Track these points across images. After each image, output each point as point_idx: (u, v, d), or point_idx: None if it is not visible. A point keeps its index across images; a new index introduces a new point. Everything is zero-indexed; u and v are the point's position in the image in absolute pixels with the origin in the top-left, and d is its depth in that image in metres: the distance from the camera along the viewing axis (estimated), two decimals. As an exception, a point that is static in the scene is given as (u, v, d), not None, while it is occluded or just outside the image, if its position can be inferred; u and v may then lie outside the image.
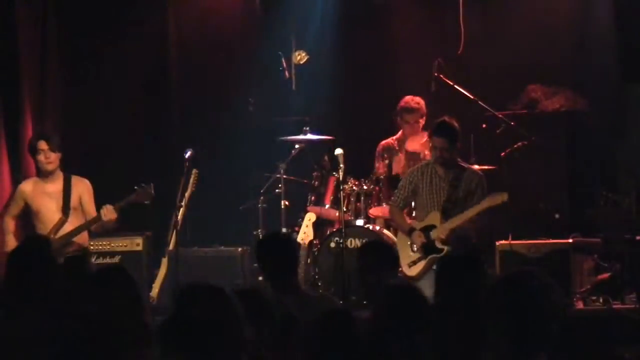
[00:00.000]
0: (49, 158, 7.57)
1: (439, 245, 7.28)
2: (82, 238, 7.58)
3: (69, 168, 8.06)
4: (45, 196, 7.59)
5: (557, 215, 8.68)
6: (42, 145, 7.56)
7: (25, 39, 9.01)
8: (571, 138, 9.20)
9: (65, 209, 7.54)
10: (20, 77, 8.93)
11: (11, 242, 7.50)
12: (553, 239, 8.08)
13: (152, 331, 4.09)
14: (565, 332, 3.14)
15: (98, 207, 7.49)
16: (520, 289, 3.15)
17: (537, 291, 3.14)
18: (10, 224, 7.66)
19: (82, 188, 7.65)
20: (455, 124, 7.41)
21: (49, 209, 7.56)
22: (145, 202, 7.46)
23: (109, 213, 7.41)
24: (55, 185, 7.61)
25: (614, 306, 7.64)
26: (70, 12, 9.47)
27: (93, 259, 7.91)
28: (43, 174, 7.62)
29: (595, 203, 8.54)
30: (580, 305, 7.79)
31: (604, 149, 9.24)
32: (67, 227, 7.52)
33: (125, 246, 8.28)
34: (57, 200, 7.58)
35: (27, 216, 7.70)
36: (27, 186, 7.70)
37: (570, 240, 8.00)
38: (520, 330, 3.10)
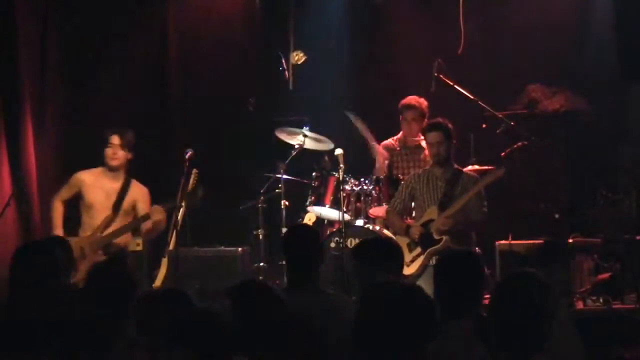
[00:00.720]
0: (116, 154, 7.67)
1: (436, 236, 7.31)
2: (126, 240, 7.61)
3: (69, 168, 8.07)
4: (101, 191, 7.68)
5: (557, 215, 8.69)
6: (115, 139, 7.68)
7: (25, 39, 9.00)
8: (571, 138, 9.20)
9: (116, 207, 7.62)
10: (20, 77, 8.93)
11: (58, 228, 7.57)
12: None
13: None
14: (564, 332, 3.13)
15: None
16: (518, 290, 3.15)
17: (535, 292, 3.14)
18: (59, 209, 7.73)
19: (139, 193, 7.71)
20: (449, 123, 7.47)
21: (101, 205, 7.63)
22: (194, 206, 7.52)
23: (157, 213, 7.49)
24: (114, 184, 7.69)
25: (614, 306, 7.64)
26: (71, 12, 9.46)
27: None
28: (107, 169, 7.67)
29: (595, 203, 8.54)
30: (580, 305, 7.78)
31: (604, 148, 9.24)
32: (115, 226, 7.57)
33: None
34: (111, 198, 7.64)
35: (76, 207, 7.74)
36: (88, 176, 7.78)
37: (570, 240, 8.00)
38: (518, 331, 3.09)
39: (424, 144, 8.47)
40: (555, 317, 3.15)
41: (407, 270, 7.39)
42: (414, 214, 7.77)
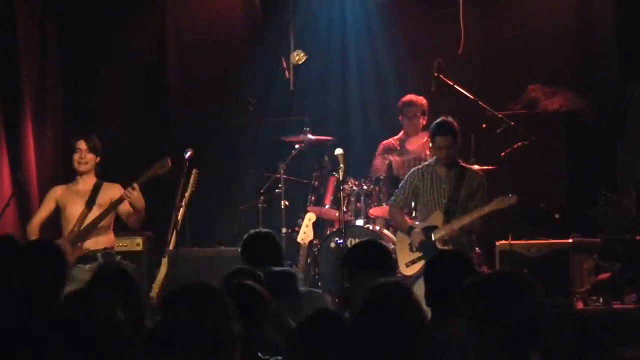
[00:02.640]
0: (84, 158, 7.61)
1: (440, 246, 7.23)
2: (110, 240, 7.59)
3: (69, 168, 8.06)
4: (74, 195, 7.64)
5: (557, 215, 8.68)
6: (81, 144, 7.62)
7: (25, 39, 9.01)
8: (571, 138, 9.20)
9: (90, 203, 7.56)
10: (20, 77, 8.94)
11: None
12: (553, 239, 8.08)
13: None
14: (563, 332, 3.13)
15: None
16: (497, 289, 3.12)
17: (515, 291, 3.11)
18: (34, 229, 7.65)
19: (114, 191, 7.64)
20: (455, 122, 7.42)
21: (75, 206, 7.58)
22: (163, 174, 7.49)
23: (131, 190, 7.43)
24: (85, 186, 7.64)
25: (614, 306, 7.63)
26: (70, 13, 9.47)
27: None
28: (78, 175, 7.65)
29: (595, 203, 8.54)
30: (580, 305, 7.78)
31: (604, 148, 9.24)
32: (91, 218, 7.53)
33: (125, 246, 8.28)
34: (84, 198, 7.60)
35: (57, 220, 7.70)
36: (59, 188, 7.75)
37: (570, 240, 8.00)
38: (506, 332, 3.07)
39: (422, 142, 8.47)
40: (541, 315, 3.11)
41: (408, 271, 7.35)
42: (416, 213, 7.71)
